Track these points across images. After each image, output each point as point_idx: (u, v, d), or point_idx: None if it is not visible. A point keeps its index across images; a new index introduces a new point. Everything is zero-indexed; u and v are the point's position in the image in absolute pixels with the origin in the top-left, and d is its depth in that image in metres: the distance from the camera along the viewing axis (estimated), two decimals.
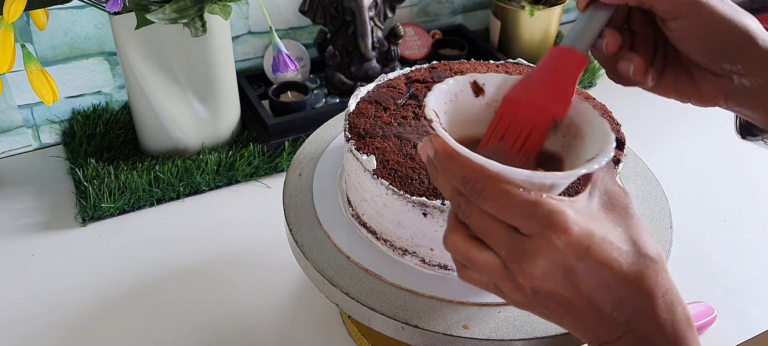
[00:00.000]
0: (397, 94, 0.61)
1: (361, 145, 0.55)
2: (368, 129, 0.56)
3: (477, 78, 0.45)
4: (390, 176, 0.52)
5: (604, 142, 0.41)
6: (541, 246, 0.37)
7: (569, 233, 0.36)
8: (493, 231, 0.38)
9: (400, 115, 0.58)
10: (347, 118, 0.58)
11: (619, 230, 0.39)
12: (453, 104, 0.44)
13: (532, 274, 0.37)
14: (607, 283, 0.37)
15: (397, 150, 0.54)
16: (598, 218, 0.38)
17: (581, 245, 0.36)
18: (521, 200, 0.37)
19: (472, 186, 0.38)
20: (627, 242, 0.38)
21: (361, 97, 0.61)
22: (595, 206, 0.39)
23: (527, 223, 0.37)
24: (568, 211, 0.37)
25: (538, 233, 0.37)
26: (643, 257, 0.38)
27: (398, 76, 0.64)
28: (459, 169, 0.38)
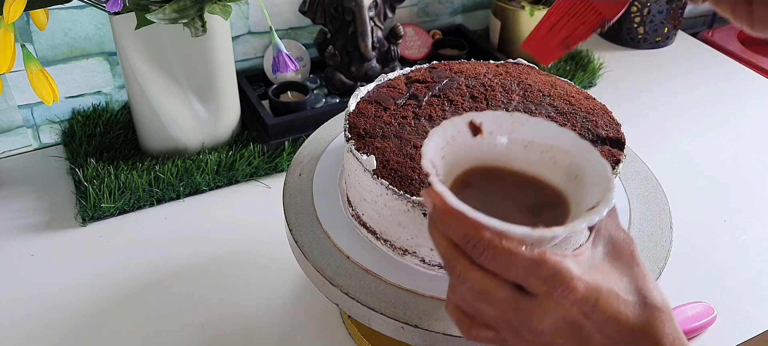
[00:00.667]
0: (397, 94, 0.61)
1: (361, 145, 0.55)
2: (368, 129, 0.56)
3: (474, 118, 0.44)
4: (390, 176, 0.52)
5: (605, 187, 0.40)
6: (547, 306, 0.37)
7: (575, 292, 0.36)
8: (495, 291, 0.38)
9: (400, 115, 0.58)
10: (347, 118, 0.58)
11: (625, 280, 0.39)
12: (451, 146, 0.43)
13: (541, 332, 0.37)
14: (615, 336, 0.37)
15: (397, 150, 0.54)
16: (603, 270, 0.38)
17: (588, 302, 0.37)
18: (524, 258, 0.36)
19: (474, 244, 0.37)
20: (633, 293, 0.38)
21: (361, 97, 0.61)
22: (600, 257, 0.39)
23: (532, 282, 0.37)
24: (572, 268, 0.37)
25: (544, 292, 0.37)
26: (650, 308, 0.38)
27: (398, 76, 0.64)
28: (458, 227, 0.38)
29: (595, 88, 1.10)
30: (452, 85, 0.62)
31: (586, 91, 0.63)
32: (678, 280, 0.72)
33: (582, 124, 0.58)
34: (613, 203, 0.39)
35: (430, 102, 0.60)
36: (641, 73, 1.15)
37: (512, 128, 0.44)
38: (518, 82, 0.63)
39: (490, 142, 0.44)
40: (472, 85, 0.62)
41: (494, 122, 0.44)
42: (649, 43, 1.22)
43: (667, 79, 1.14)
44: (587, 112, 0.59)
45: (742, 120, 1.03)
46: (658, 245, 0.57)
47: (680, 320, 0.68)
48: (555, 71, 1.09)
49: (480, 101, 0.60)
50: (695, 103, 1.07)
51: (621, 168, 0.55)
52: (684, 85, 1.12)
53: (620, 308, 0.37)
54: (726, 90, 1.11)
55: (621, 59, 1.19)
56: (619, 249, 0.40)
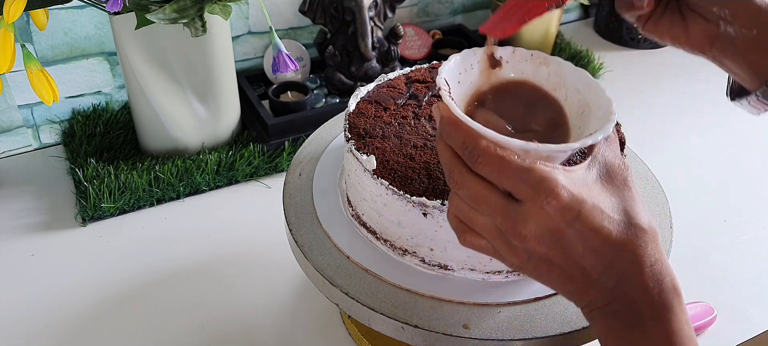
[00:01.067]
0: (397, 94, 0.61)
1: (361, 145, 0.55)
2: (368, 129, 0.56)
3: (495, 50, 0.47)
4: (390, 175, 0.52)
5: (606, 118, 0.42)
6: (532, 210, 0.38)
7: (559, 199, 0.38)
8: (487, 196, 0.40)
9: (400, 115, 0.58)
10: (347, 118, 0.58)
11: (613, 200, 0.40)
12: (468, 73, 0.46)
13: (525, 237, 0.39)
14: (596, 248, 0.38)
15: (397, 150, 0.54)
16: (592, 188, 0.40)
17: (571, 211, 0.38)
18: (515, 165, 0.38)
19: (470, 150, 0.39)
20: (619, 212, 0.39)
21: (361, 97, 0.61)
22: (592, 177, 0.41)
23: (520, 187, 0.38)
24: (559, 177, 0.38)
25: (530, 197, 0.38)
26: (634, 227, 0.39)
27: (398, 76, 0.64)
28: (459, 135, 0.40)
29: None
30: None
31: None
32: (678, 280, 0.72)
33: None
34: (610, 131, 0.41)
35: (430, 102, 0.60)
36: (641, 73, 1.15)
37: (530, 64, 0.47)
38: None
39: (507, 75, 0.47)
40: None
41: (514, 57, 0.47)
42: (649, 43, 1.22)
43: (667, 79, 1.14)
44: None
45: (742, 120, 1.03)
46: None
47: None
48: None
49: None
50: (695, 103, 1.07)
51: None
52: (684, 85, 1.12)
53: (604, 222, 0.38)
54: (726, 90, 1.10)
55: (621, 59, 1.19)
56: (612, 173, 0.42)
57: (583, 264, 0.39)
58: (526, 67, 0.48)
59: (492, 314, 0.51)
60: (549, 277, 0.40)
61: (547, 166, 0.38)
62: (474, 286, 0.52)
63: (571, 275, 0.39)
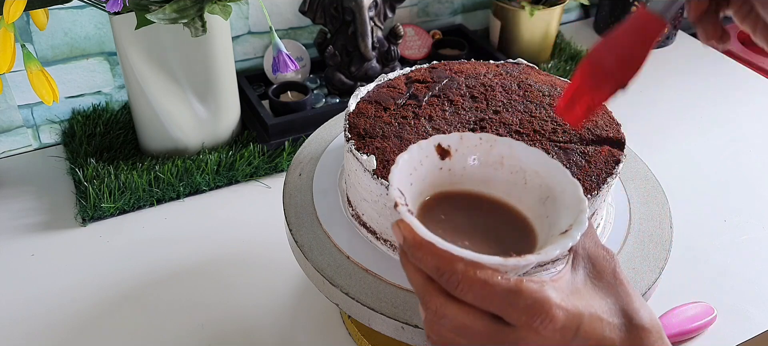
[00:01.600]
0: (397, 94, 0.61)
1: (361, 145, 0.55)
2: (368, 129, 0.56)
3: (441, 141, 0.43)
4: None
5: (578, 209, 0.39)
6: (527, 336, 0.36)
7: (555, 320, 0.35)
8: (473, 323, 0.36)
9: (400, 115, 0.58)
10: (347, 118, 0.58)
11: (609, 301, 0.38)
12: (419, 171, 0.42)
13: None
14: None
15: (397, 150, 0.54)
16: (584, 294, 0.37)
17: (570, 329, 0.36)
18: (501, 288, 0.35)
19: (448, 276, 0.36)
20: (617, 315, 0.37)
21: (361, 97, 0.61)
22: (580, 280, 0.38)
23: (510, 313, 0.36)
24: (551, 295, 0.35)
25: (524, 323, 0.35)
26: (636, 329, 0.37)
27: (398, 76, 0.64)
28: (431, 260, 0.36)
29: None
30: (452, 85, 0.62)
31: None
32: (678, 280, 0.72)
33: (582, 124, 0.58)
34: (586, 225, 0.38)
35: (430, 102, 0.60)
36: (641, 73, 1.15)
37: (481, 150, 0.43)
38: (518, 83, 0.63)
39: (459, 164, 0.43)
40: (472, 85, 0.62)
41: (462, 144, 0.43)
42: None
43: (667, 79, 1.14)
44: None
45: (742, 120, 1.03)
46: (658, 245, 0.57)
47: (680, 320, 0.68)
48: (555, 71, 1.09)
49: (480, 101, 0.60)
50: (695, 103, 1.07)
51: (621, 168, 0.55)
52: (684, 85, 1.12)
53: (605, 332, 0.36)
54: (726, 90, 1.11)
55: None
56: (600, 269, 0.39)
57: None
58: (477, 152, 0.44)
59: None
60: None
61: (535, 285, 0.35)
62: None
63: None
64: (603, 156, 0.55)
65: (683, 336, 0.67)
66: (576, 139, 0.56)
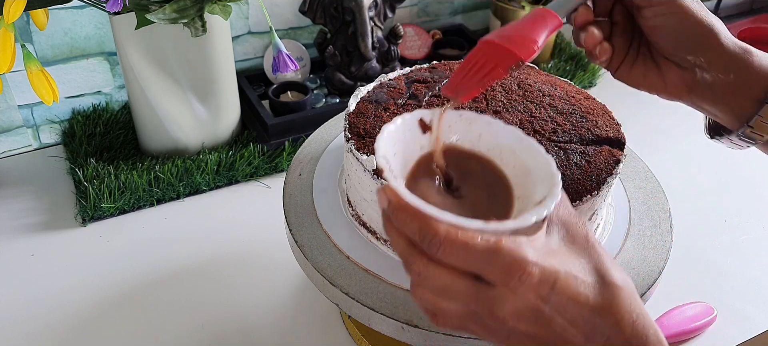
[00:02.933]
0: (397, 94, 0.61)
1: (361, 145, 0.55)
2: (368, 129, 0.56)
3: (423, 116, 0.44)
4: None
5: (551, 182, 0.40)
6: (506, 294, 0.37)
7: (531, 276, 0.37)
8: (454, 284, 0.38)
9: (399, 115, 0.58)
10: (347, 118, 0.58)
11: (582, 261, 0.39)
12: (403, 143, 0.43)
13: (502, 318, 0.37)
14: (576, 317, 0.38)
15: None
16: (559, 254, 0.39)
17: (546, 285, 0.37)
18: (481, 248, 0.36)
19: (429, 240, 0.37)
20: (591, 273, 0.39)
21: (361, 97, 0.61)
22: (555, 242, 0.40)
23: (489, 272, 0.37)
24: (528, 253, 0.37)
25: (502, 280, 0.37)
26: (609, 286, 0.38)
27: (398, 76, 0.64)
28: (414, 223, 0.37)
29: (595, 88, 1.10)
30: None
31: (586, 91, 0.63)
32: (678, 280, 0.72)
33: (582, 124, 0.58)
34: (560, 197, 0.39)
35: (430, 102, 0.60)
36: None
37: (460, 126, 0.45)
38: (518, 83, 0.63)
39: (439, 139, 0.44)
40: None
41: (443, 118, 0.44)
42: None
43: None
44: (587, 112, 0.59)
45: None
46: (658, 245, 0.57)
47: (680, 320, 0.68)
48: (555, 71, 1.09)
49: (480, 101, 0.60)
50: None
51: (621, 168, 0.55)
52: None
53: (579, 289, 0.38)
54: None
55: None
56: (573, 233, 0.41)
57: (566, 335, 0.38)
58: (458, 127, 0.45)
59: None
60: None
61: (513, 244, 0.37)
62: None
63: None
64: (603, 156, 0.55)
65: (683, 336, 0.67)
66: (576, 140, 0.56)
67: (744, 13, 1.37)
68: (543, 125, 0.57)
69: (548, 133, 0.56)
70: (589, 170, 0.53)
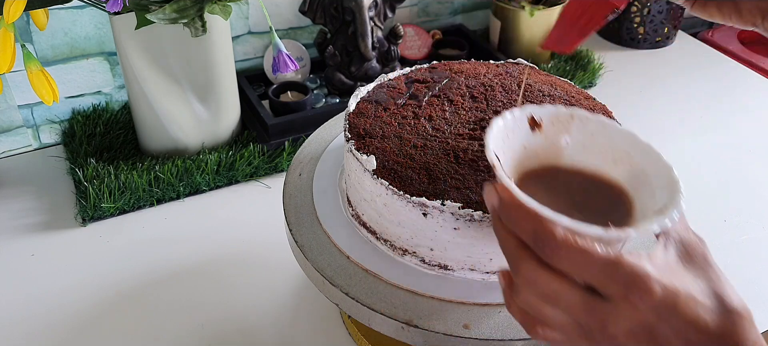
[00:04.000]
0: (397, 94, 0.61)
1: (361, 145, 0.55)
2: (368, 129, 0.56)
3: (534, 112, 0.43)
4: (390, 176, 0.52)
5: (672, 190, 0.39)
6: (622, 309, 0.35)
7: (653, 295, 0.35)
8: (566, 293, 0.36)
9: (400, 115, 0.58)
10: (347, 118, 0.58)
11: (701, 283, 0.37)
12: (509, 140, 0.42)
13: (615, 336, 0.35)
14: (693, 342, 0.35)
15: (397, 150, 0.54)
16: (678, 273, 0.37)
17: (666, 306, 0.35)
18: (599, 258, 0.35)
19: (544, 242, 0.35)
20: (711, 297, 0.37)
21: (361, 97, 0.61)
22: (673, 259, 0.38)
23: (607, 284, 0.35)
24: (650, 269, 0.35)
25: (620, 296, 0.35)
26: (730, 313, 0.36)
27: (398, 76, 0.64)
28: (528, 223, 0.36)
29: (595, 88, 1.10)
30: (452, 85, 0.62)
31: (585, 91, 0.63)
32: None
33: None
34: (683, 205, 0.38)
35: (430, 102, 0.60)
36: (641, 73, 1.15)
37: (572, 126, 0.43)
38: (518, 83, 0.63)
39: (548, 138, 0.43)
40: (472, 86, 0.62)
41: (555, 118, 0.43)
42: (649, 43, 1.22)
43: (667, 79, 1.14)
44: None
45: (742, 120, 1.03)
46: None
47: None
48: (555, 71, 1.09)
49: (480, 101, 0.60)
50: (695, 103, 1.07)
51: None
52: (684, 85, 1.12)
53: (699, 312, 0.35)
54: (726, 90, 1.11)
55: (621, 59, 1.19)
56: (691, 251, 0.39)
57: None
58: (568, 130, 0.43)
59: (492, 314, 0.51)
60: None
61: (634, 258, 0.35)
62: (474, 286, 0.52)
63: None
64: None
65: None
66: None
67: None
68: None
69: None
70: None
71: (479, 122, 0.57)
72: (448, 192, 0.50)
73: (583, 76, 1.09)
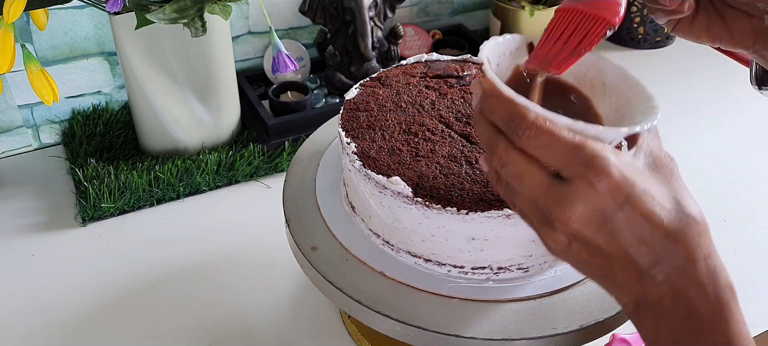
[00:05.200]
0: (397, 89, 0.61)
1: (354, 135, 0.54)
2: (362, 120, 0.56)
3: (533, 40, 0.45)
4: (373, 166, 0.52)
5: (650, 112, 0.41)
6: (580, 189, 0.36)
7: (610, 178, 0.35)
8: (531, 174, 0.37)
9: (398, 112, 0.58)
10: (341, 118, 0.58)
11: (663, 188, 0.37)
12: (504, 58, 0.44)
13: (570, 218, 0.36)
14: (646, 236, 0.36)
15: (389, 145, 0.54)
16: (640, 173, 0.37)
17: (621, 192, 0.36)
18: (565, 140, 0.36)
19: (516, 124, 0.37)
20: (670, 200, 0.37)
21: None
22: (640, 163, 0.38)
23: (569, 164, 0.36)
24: (610, 156, 0.36)
25: (579, 175, 0.36)
26: (686, 216, 0.37)
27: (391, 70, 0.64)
28: (504, 108, 0.37)
29: None
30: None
31: None
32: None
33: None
34: (655, 121, 0.40)
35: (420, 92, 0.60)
36: (641, 73, 1.14)
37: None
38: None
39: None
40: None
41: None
42: (649, 43, 1.22)
43: (667, 79, 1.14)
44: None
45: (742, 120, 1.03)
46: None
47: None
48: None
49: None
50: (695, 103, 1.07)
51: None
52: (684, 85, 1.12)
53: (654, 208, 0.36)
54: (726, 90, 1.11)
55: (621, 59, 1.18)
56: (659, 163, 0.39)
57: (631, 253, 0.36)
58: None
59: (492, 313, 0.51)
60: (590, 264, 0.38)
61: (598, 145, 0.36)
62: (474, 285, 0.52)
63: (617, 265, 0.37)
64: None
65: None
66: None
67: None
68: None
69: None
70: None
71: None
72: (448, 191, 0.50)
73: None
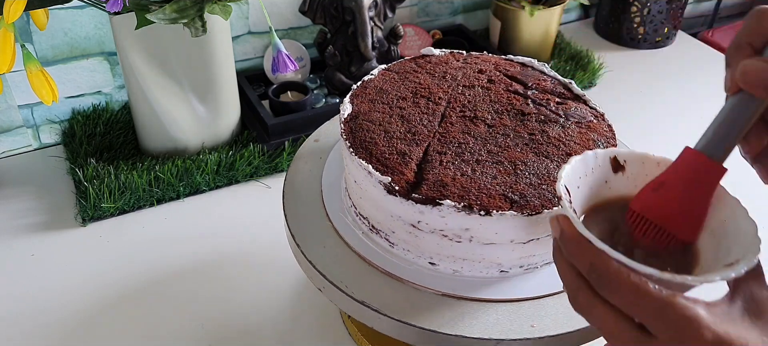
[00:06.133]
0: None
1: (352, 137, 0.54)
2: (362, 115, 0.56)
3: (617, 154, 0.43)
4: (373, 161, 0.52)
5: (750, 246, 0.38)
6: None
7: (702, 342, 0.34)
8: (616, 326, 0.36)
9: (398, 110, 0.58)
10: (342, 122, 0.58)
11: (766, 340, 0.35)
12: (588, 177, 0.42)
13: None
14: None
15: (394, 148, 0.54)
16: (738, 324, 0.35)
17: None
18: (653, 297, 0.34)
19: (598, 275, 0.36)
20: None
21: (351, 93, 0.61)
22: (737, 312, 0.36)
23: (657, 324, 0.35)
24: (703, 315, 0.34)
25: (668, 338, 0.34)
26: None
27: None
28: (586, 256, 0.36)
29: (595, 88, 1.10)
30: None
31: (583, 92, 0.63)
32: None
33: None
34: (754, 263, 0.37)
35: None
36: (641, 73, 1.15)
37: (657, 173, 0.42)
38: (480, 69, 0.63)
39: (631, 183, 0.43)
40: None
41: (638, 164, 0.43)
42: (649, 43, 1.22)
43: (667, 79, 1.14)
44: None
45: None
46: None
47: None
48: (555, 71, 1.08)
49: (470, 112, 0.60)
50: (695, 103, 1.07)
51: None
52: (684, 85, 1.12)
53: None
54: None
55: (621, 59, 1.19)
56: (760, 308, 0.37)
57: None
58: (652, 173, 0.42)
59: (493, 313, 0.51)
60: None
61: (689, 302, 0.34)
62: (474, 285, 0.52)
63: None
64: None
65: None
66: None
67: (744, 13, 1.37)
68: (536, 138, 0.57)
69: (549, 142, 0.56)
70: None
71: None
72: (445, 191, 0.50)
73: (583, 76, 1.09)
